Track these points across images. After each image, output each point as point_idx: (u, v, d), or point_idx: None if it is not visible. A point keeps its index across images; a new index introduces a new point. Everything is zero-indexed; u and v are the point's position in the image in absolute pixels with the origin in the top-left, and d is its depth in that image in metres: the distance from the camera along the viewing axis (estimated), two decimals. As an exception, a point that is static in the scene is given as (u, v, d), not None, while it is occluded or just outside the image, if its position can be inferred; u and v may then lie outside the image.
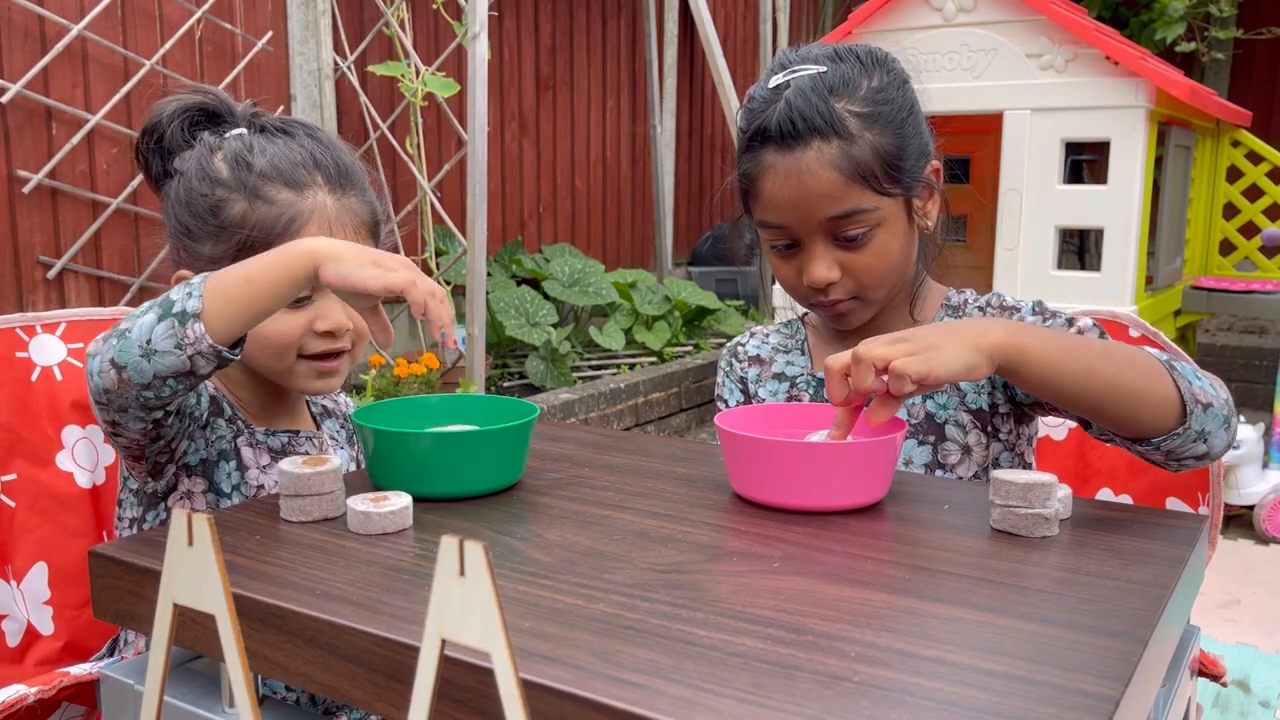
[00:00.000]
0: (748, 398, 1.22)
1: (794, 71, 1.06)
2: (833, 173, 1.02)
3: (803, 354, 1.20)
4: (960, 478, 1.10)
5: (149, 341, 0.88)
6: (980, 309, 1.14)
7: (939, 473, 1.10)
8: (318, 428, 1.20)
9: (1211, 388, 0.92)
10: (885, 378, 0.86)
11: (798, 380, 1.18)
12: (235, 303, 0.89)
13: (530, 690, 0.57)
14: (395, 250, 1.15)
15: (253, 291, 0.89)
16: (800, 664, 0.60)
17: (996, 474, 0.83)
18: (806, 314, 1.24)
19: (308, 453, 1.14)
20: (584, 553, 0.78)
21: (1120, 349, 0.94)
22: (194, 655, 0.81)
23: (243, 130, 1.10)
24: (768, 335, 1.25)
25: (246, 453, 1.09)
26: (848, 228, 1.04)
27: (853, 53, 1.08)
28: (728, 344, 1.26)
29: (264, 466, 1.10)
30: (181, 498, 1.07)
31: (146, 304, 0.92)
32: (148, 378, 0.90)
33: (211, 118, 1.11)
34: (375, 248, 1.12)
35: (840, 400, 0.90)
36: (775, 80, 1.07)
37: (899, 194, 1.06)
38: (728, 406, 1.23)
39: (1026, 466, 1.15)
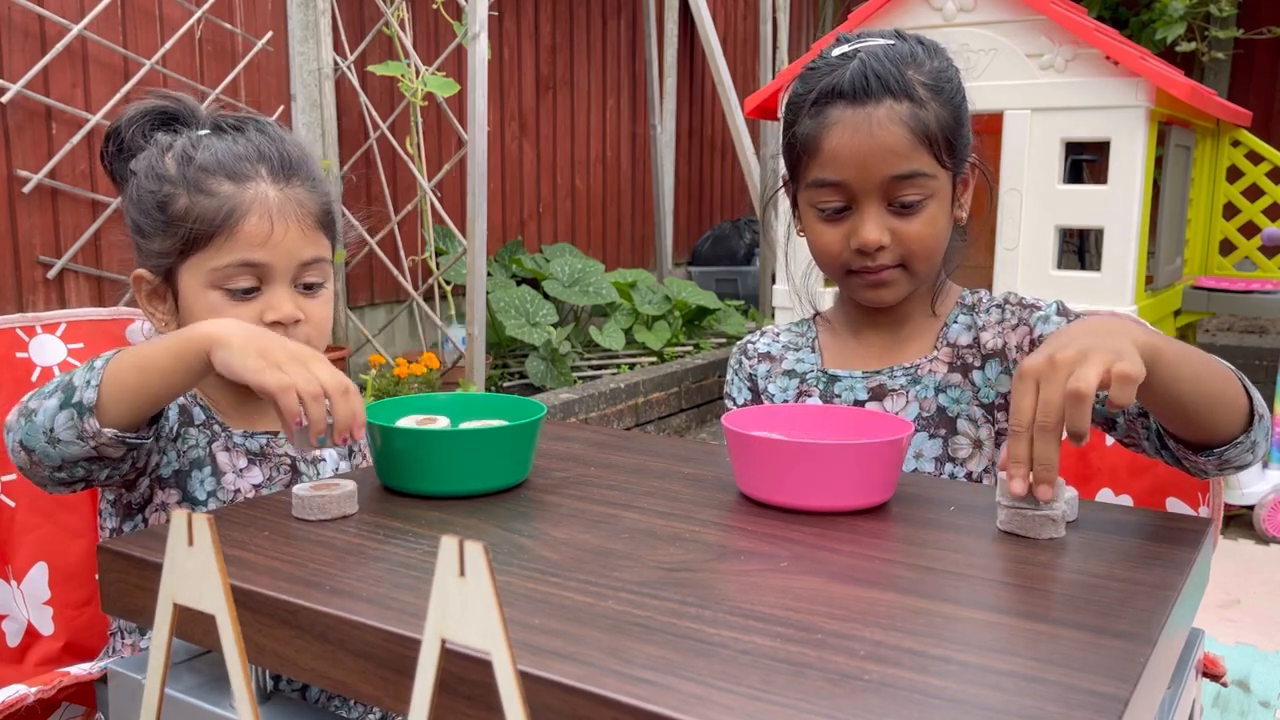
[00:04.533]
0: (757, 395, 1.22)
1: (860, 43, 1.09)
2: (903, 129, 1.04)
3: (813, 351, 1.21)
4: (970, 473, 1.10)
5: (52, 430, 0.89)
6: (999, 307, 1.14)
7: (949, 466, 1.10)
8: None
9: (1261, 400, 0.92)
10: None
11: (807, 376, 1.18)
12: (130, 390, 0.89)
13: (542, 686, 0.57)
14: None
15: (146, 379, 0.89)
16: (810, 662, 0.60)
17: (1004, 476, 0.83)
18: (818, 313, 1.25)
19: (288, 455, 1.14)
20: (592, 551, 0.78)
21: (1209, 356, 0.92)
22: (204, 649, 0.81)
23: (199, 131, 1.10)
24: (779, 333, 1.25)
25: (222, 458, 1.09)
26: (906, 191, 1.05)
27: (914, 37, 1.12)
28: (739, 341, 1.26)
29: (241, 470, 1.09)
30: (156, 509, 1.07)
31: (56, 380, 0.92)
32: (56, 462, 0.91)
33: (172, 121, 1.12)
34: (328, 239, 1.12)
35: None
36: (840, 50, 1.10)
37: (951, 169, 1.08)
38: (735, 405, 1.23)
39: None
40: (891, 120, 1.04)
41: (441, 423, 0.99)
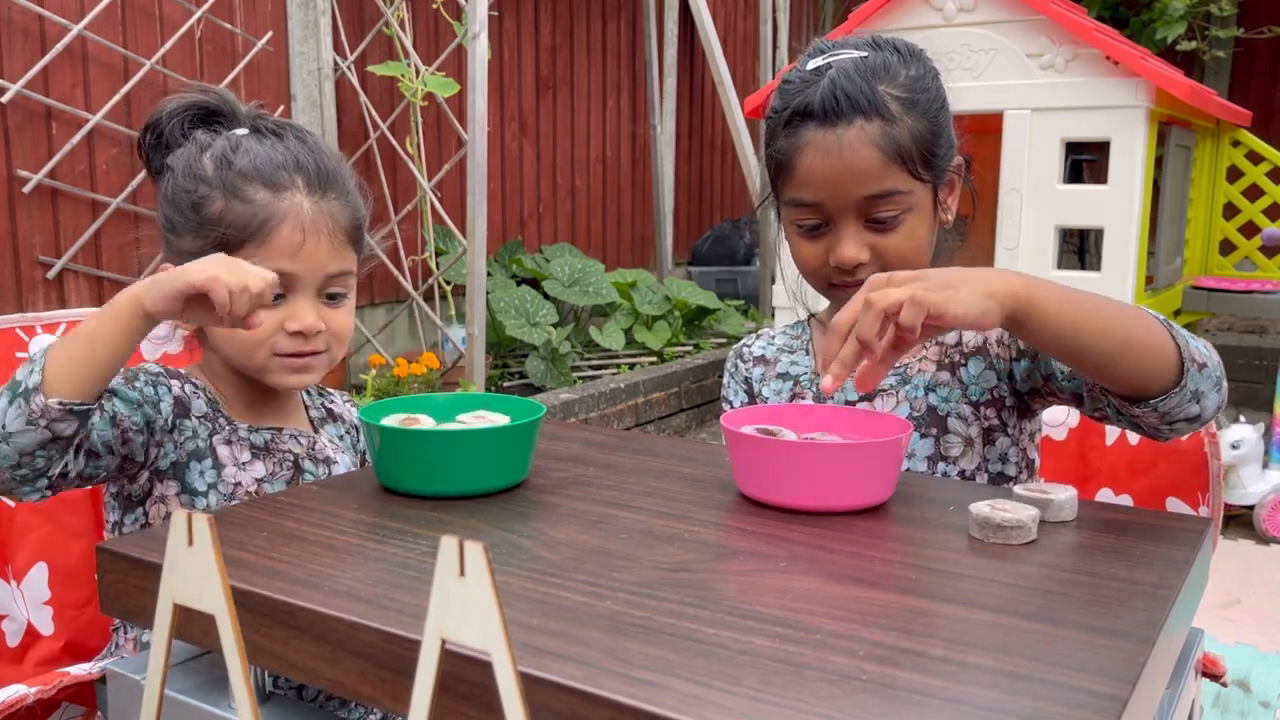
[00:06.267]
0: (752, 398, 1.22)
1: (833, 55, 1.07)
2: (874, 151, 1.03)
3: (807, 354, 1.21)
4: (963, 471, 1.10)
5: (4, 426, 0.90)
6: None
7: (941, 465, 1.10)
8: (315, 431, 1.20)
9: (1205, 349, 0.92)
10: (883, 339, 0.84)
11: (801, 379, 1.19)
12: (79, 362, 0.91)
13: (540, 686, 0.57)
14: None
15: (93, 349, 0.92)
16: (809, 662, 0.60)
17: (973, 510, 0.82)
18: (813, 315, 1.25)
19: (291, 451, 1.14)
20: (591, 551, 0.78)
21: (1126, 305, 0.93)
22: (203, 650, 0.81)
23: (238, 130, 1.11)
24: (773, 337, 1.25)
25: (223, 450, 1.09)
26: (881, 208, 1.05)
27: (890, 43, 1.10)
28: (735, 345, 1.27)
29: (243, 463, 1.10)
30: (156, 501, 1.07)
31: (4, 387, 0.93)
32: (14, 459, 0.91)
33: (213, 117, 1.12)
34: (355, 253, 1.13)
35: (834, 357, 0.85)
36: (814, 63, 1.08)
37: (930, 181, 1.07)
38: (732, 408, 1.23)
39: (1030, 463, 1.15)
40: (862, 142, 1.03)
41: (425, 423, 0.99)
